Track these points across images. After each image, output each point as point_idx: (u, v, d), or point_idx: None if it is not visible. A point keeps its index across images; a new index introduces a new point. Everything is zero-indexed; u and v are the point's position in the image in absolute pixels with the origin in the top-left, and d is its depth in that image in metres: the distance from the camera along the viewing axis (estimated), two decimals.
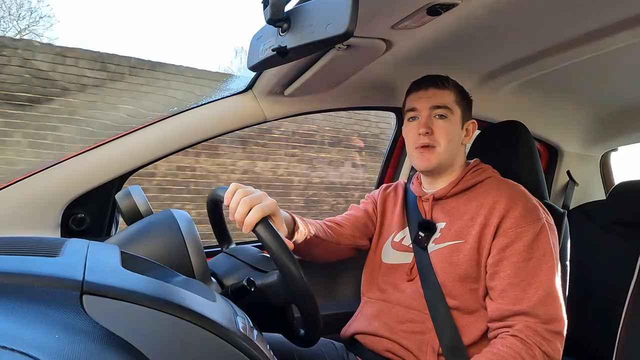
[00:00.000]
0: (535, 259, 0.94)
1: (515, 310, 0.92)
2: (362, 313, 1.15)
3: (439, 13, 0.80)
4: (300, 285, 0.72)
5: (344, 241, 1.17)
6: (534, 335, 0.89)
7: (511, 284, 0.93)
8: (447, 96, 1.08)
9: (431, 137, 1.06)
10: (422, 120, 1.08)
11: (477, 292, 0.99)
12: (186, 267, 0.73)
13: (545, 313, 0.91)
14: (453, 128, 1.08)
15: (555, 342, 0.90)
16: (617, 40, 0.99)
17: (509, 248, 0.96)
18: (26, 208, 1.03)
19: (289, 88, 1.19)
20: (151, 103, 4.28)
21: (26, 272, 0.47)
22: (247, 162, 4.85)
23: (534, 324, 0.90)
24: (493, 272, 0.96)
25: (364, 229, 1.22)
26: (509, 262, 0.95)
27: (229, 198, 0.81)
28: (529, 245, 0.95)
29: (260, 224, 0.75)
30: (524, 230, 0.96)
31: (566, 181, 1.80)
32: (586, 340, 1.45)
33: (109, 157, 1.11)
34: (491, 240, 0.98)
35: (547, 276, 0.93)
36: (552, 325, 0.91)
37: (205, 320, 0.51)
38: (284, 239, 0.74)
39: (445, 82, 1.09)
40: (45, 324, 0.42)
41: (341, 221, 1.20)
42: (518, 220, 0.97)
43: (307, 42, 0.58)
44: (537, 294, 0.92)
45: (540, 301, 0.91)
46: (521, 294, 0.92)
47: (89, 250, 0.57)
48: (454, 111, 1.07)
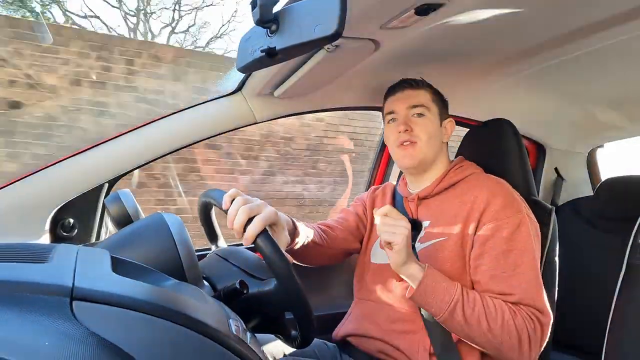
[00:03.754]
0: (515, 251, 0.95)
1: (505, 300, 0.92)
2: (353, 314, 1.15)
3: (427, 13, 0.80)
4: (299, 297, 0.72)
5: (336, 245, 1.18)
6: (520, 310, 0.90)
7: (493, 277, 0.94)
8: (423, 95, 1.11)
9: (411, 133, 1.08)
10: (401, 119, 1.10)
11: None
12: (177, 270, 0.72)
13: (529, 304, 0.92)
14: (432, 125, 1.09)
15: (539, 329, 0.90)
16: (602, 38, 1.01)
17: (489, 241, 0.96)
18: (14, 214, 1.01)
19: (279, 89, 1.19)
20: None
21: (14, 279, 0.46)
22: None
23: (521, 307, 0.91)
24: (475, 265, 0.97)
25: (356, 232, 1.22)
26: (490, 255, 0.95)
27: (228, 203, 0.79)
28: (508, 237, 0.96)
29: (262, 236, 0.73)
30: (503, 223, 0.97)
31: (554, 178, 1.82)
32: (575, 334, 1.47)
33: (97, 161, 1.10)
34: (473, 235, 0.99)
35: (528, 268, 0.94)
36: (538, 315, 0.91)
37: (198, 324, 0.50)
38: (285, 253, 0.73)
39: (420, 82, 1.12)
40: (34, 331, 0.41)
41: (333, 225, 1.20)
42: (498, 214, 0.98)
43: (296, 43, 0.58)
44: (520, 285, 0.92)
45: (524, 292, 0.92)
46: (505, 288, 0.93)
47: (78, 255, 0.57)
48: (430, 109, 1.10)
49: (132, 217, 0.87)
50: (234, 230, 0.77)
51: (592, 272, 1.50)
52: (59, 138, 3.85)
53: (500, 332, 0.87)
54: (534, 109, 1.61)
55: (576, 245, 1.53)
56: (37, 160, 3.68)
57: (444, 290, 0.91)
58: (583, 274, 1.50)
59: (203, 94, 4.44)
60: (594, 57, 1.13)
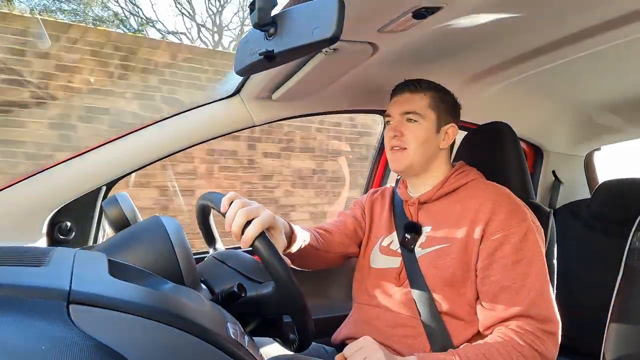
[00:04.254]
0: (524, 261, 0.95)
1: (509, 315, 0.92)
2: (353, 318, 1.14)
3: (424, 17, 0.81)
4: (297, 300, 0.72)
5: (334, 249, 1.17)
6: (527, 334, 0.90)
7: (503, 288, 0.94)
8: (419, 101, 1.09)
9: (401, 139, 1.08)
10: (394, 124, 1.10)
11: (466, 297, 0.99)
12: (175, 273, 0.72)
13: (538, 314, 0.91)
14: (424, 132, 1.08)
15: (549, 342, 0.91)
16: (599, 41, 1.01)
17: (497, 251, 0.96)
18: (11, 217, 1.01)
19: (277, 92, 1.19)
20: None
21: (11, 283, 0.46)
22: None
23: (528, 324, 0.90)
24: (483, 276, 0.97)
25: (353, 236, 1.22)
26: (499, 265, 0.95)
27: (226, 206, 0.79)
28: (517, 247, 0.95)
29: (259, 238, 0.73)
30: (510, 233, 0.96)
31: (552, 181, 1.83)
32: (573, 337, 1.47)
33: (94, 164, 1.10)
34: (479, 244, 0.98)
35: (537, 277, 0.94)
36: (547, 326, 0.91)
37: (196, 327, 0.50)
38: (283, 256, 0.73)
39: (421, 85, 1.10)
40: (31, 335, 0.41)
41: (330, 228, 1.20)
42: (504, 223, 0.97)
43: (294, 46, 0.58)
44: (529, 296, 0.92)
45: (533, 303, 0.91)
46: (513, 298, 0.92)
47: (75, 259, 0.56)
48: (425, 116, 1.08)
49: (129, 220, 0.87)
50: (231, 233, 0.77)
51: (590, 274, 1.50)
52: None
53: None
54: (531, 112, 1.61)
55: (574, 248, 1.53)
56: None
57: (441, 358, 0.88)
58: (581, 276, 1.51)
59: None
60: (591, 60, 1.14)
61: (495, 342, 0.90)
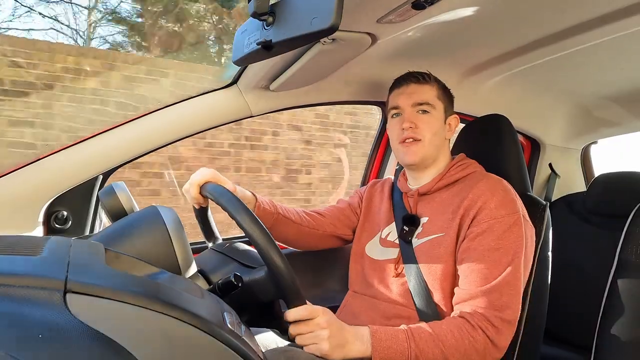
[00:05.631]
0: (502, 250, 0.94)
1: (469, 296, 0.92)
2: (348, 307, 1.15)
3: (423, 7, 0.80)
4: (270, 244, 0.70)
5: (323, 228, 1.21)
6: (481, 318, 0.89)
7: (473, 271, 0.94)
8: (429, 92, 1.09)
9: (415, 130, 1.07)
10: (406, 115, 1.09)
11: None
12: (172, 263, 0.72)
13: (498, 300, 0.91)
14: (436, 122, 1.09)
15: (503, 329, 0.90)
16: (597, 34, 1.01)
17: (479, 237, 0.96)
18: (7, 206, 1.01)
19: (275, 82, 1.18)
20: None
21: (7, 271, 0.46)
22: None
23: (483, 308, 0.90)
24: (461, 258, 0.97)
25: (346, 220, 1.24)
26: (477, 250, 0.95)
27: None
28: (498, 236, 0.95)
29: (204, 187, 0.87)
30: (497, 222, 0.96)
31: (548, 174, 1.83)
32: (567, 328, 1.49)
33: (91, 153, 1.09)
34: (466, 230, 0.99)
35: (511, 268, 0.93)
36: (504, 314, 0.90)
37: (192, 317, 0.50)
38: (232, 193, 0.79)
39: (427, 77, 1.10)
40: (28, 323, 0.41)
41: (323, 211, 1.25)
42: (493, 212, 0.98)
43: (292, 35, 0.58)
44: (494, 282, 0.91)
45: (496, 288, 0.91)
46: (479, 280, 0.92)
47: (72, 248, 0.56)
48: (435, 106, 1.09)
49: (126, 209, 0.87)
50: (186, 195, 0.93)
51: (584, 266, 1.51)
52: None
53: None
54: (529, 105, 1.61)
55: (569, 241, 1.54)
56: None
57: (394, 335, 0.86)
58: (575, 269, 1.52)
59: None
60: (589, 53, 1.14)
61: (450, 324, 0.89)
